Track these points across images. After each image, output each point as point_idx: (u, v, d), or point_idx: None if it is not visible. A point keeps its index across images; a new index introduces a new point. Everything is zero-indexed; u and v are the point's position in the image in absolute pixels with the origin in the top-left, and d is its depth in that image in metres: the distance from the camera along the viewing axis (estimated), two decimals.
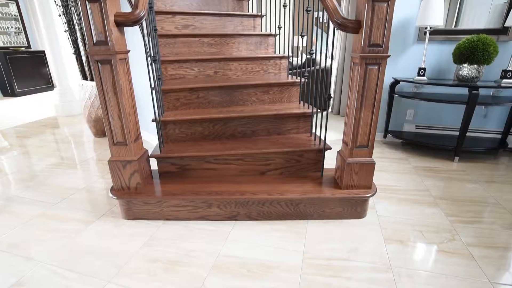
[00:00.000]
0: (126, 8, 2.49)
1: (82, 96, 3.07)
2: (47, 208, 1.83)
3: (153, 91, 2.09)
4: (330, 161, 2.43)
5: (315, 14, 5.93)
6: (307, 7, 1.67)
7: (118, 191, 1.67)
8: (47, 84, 6.71)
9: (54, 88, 6.84)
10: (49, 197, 1.97)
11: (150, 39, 1.69)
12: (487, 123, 2.78)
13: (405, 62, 2.78)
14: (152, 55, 1.68)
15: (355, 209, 1.65)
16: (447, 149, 2.75)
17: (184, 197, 1.61)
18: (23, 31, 6.51)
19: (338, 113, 3.94)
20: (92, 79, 3.10)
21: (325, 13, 2.19)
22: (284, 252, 1.42)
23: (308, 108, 1.96)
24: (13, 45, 6.32)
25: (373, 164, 1.62)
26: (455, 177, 2.21)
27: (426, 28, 2.56)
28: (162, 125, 1.86)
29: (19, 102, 5.52)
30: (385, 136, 2.96)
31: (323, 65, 4.07)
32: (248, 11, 2.65)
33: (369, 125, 1.57)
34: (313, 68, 3.74)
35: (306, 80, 2.05)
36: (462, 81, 2.44)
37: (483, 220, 1.67)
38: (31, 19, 6.63)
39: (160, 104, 1.85)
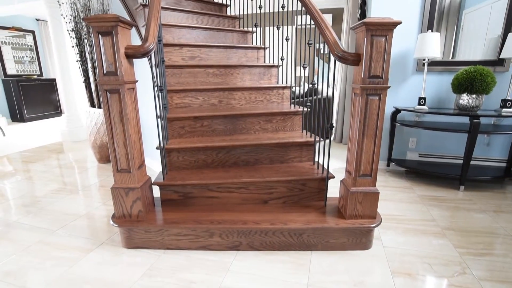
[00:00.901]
0: (136, 40, 2.62)
1: (89, 123, 3.14)
2: (47, 235, 1.81)
3: (159, 119, 2.14)
4: (333, 189, 2.41)
5: (317, 45, 6.16)
6: (309, 41, 1.75)
7: (119, 218, 1.65)
8: (56, 110, 6.89)
9: (62, 114, 7.01)
10: (50, 224, 1.95)
11: (157, 70, 1.76)
12: (490, 152, 2.77)
13: (405, 92, 2.83)
14: (159, 84, 1.74)
15: (360, 239, 1.61)
16: (452, 178, 2.72)
17: (185, 225, 1.58)
18: (36, 60, 6.81)
19: (341, 141, 3.96)
20: (99, 107, 3.18)
21: (326, 45, 2.28)
22: (287, 285, 1.37)
23: (311, 136, 1.98)
24: (26, 73, 6.58)
25: (377, 193, 1.60)
26: (462, 206, 2.17)
27: (424, 59, 2.64)
28: (166, 153, 1.88)
29: (27, 127, 5.64)
30: (388, 165, 2.95)
31: (325, 94, 4.17)
32: (252, 44, 2.77)
33: (371, 154, 1.57)
34: (315, 97, 3.82)
35: (309, 109, 2.09)
36: (462, 110, 2.47)
37: (494, 252, 1.61)
38: (45, 49, 6.95)
39: (165, 132, 1.88)
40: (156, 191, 1.93)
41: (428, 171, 2.57)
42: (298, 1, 1.87)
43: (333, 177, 1.78)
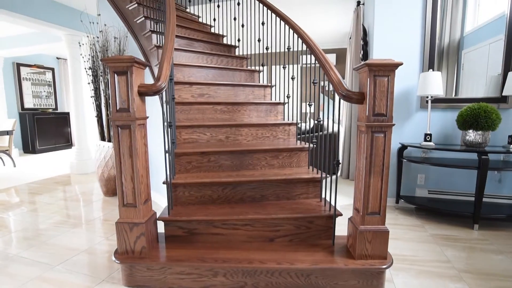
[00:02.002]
0: (148, 77, 2.75)
1: (98, 156, 3.20)
2: (46, 270, 1.76)
3: (167, 154, 2.17)
4: (341, 227, 2.34)
5: (321, 83, 6.37)
6: (314, 80, 1.82)
7: (122, 254, 1.61)
8: (66, 142, 7.06)
9: (73, 147, 7.17)
10: (50, 258, 1.91)
11: (168, 106, 1.83)
12: (503, 189, 2.70)
13: (410, 128, 2.85)
14: (168, 120, 1.79)
15: (371, 282, 1.53)
16: (465, 216, 2.63)
17: (189, 263, 1.54)
18: (53, 94, 7.14)
19: (348, 177, 3.92)
20: (109, 140, 3.26)
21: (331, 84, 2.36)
22: None
23: (317, 173, 1.97)
24: (42, 106, 6.87)
25: (387, 232, 1.55)
26: (478, 246, 2.07)
27: (427, 97, 2.69)
28: (172, 188, 1.88)
29: (37, 158, 5.75)
30: (397, 202, 2.88)
31: (330, 130, 4.21)
32: (259, 82, 2.89)
33: (379, 191, 1.55)
34: (321, 133, 3.86)
35: (315, 145, 2.11)
36: (469, 146, 2.46)
37: None
38: (62, 85, 7.32)
39: (172, 167, 1.90)
40: (161, 227, 1.90)
41: (439, 209, 2.49)
42: (303, 43, 1.98)
43: (341, 214, 1.74)
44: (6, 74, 6.19)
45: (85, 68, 3.30)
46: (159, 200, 2.94)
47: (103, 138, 3.35)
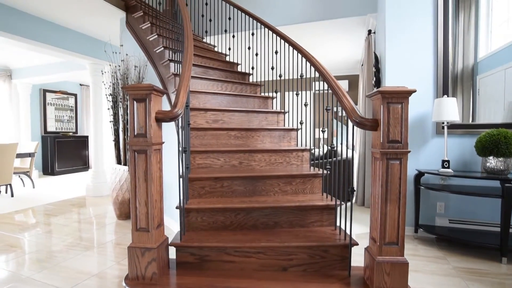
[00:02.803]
0: (165, 103, 2.85)
1: (113, 179, 3.26)
2: None
3: (181, 179, 2.19)
4: (358, 257, 2.24)
5: (334, 108, 6.40)
6: (327, 107, 1.84)
7: (133, 280, 1.59)
8: (84, 165, 7.26)
9: (89, 169, 7.35)
10: (61, 282, 1.90)
11: (183, 132, 1.88)
12: None
13: (427, 154, 2.79)
14: (183, 146, 1.83)
15: None
16: (490, 248, 2.47)
17: None
18: (74, 119, 7.46)
19: (363, 204, 3.81)
20: (125, 164, 3.33)
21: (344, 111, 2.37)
22: None
23: (331, 200, 1.94)
24: (63, 130, 7.16)
25: (406, 264, 1.48)
26: (508, 282, 1.92)
27: (443, 123, 2.65)
28: (185, 213, 1.88)
29: (55, 180, 5.91)
30: (416, 231, 2.76)
31: (344, 156, 4.17)
32: (272, 108, 2.94)
33: (396, 220, 1.50)
34: (334, 159, 3.83)
35: (328, 172, 2.09)
36: (491, 174, 2.37)
37: None
38: (83, 110, 7.66)
39: (186, 192, 1.91)
40: (172, 252, 1.88)
41: (462, 240, 2.36)
42: (316, 71, 2.02)
43: (357, 244, 1.68)
44: (33, 100, 6.56)
45: (106, 95, 3.47)
46: (171, 225, 2.93)
47: (119, 162, 3.43)
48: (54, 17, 3.78)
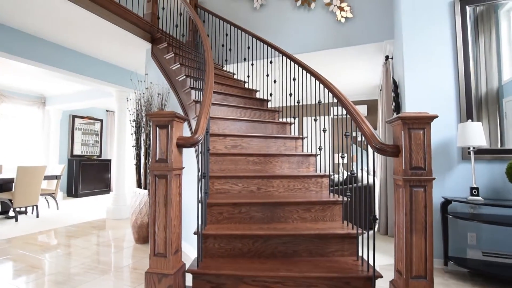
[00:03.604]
0: (185, 128, 2.94)
1: (133, 202, 3.32)
2: None
3: (199, 204, 2.20)
4: None
5: (353, 134, 6.33)
6: (346, 132, 1.83)
7: None
8: (105, 188, 7.46)
9: (110, 192, 7.54)
10: None
11: (202, 157, 1.91)
12: None
13: (453, 181, 2.67)
14: (202, 171, 1.86)
15: None
16: None
17: None
18: (99, 143, 7.80)
19: (386, 233, 3.63)
20: (145, 188, 3.40)
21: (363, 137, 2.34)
22: None
23: (353, 228, 1.87)
24: (88, 154, 7.48)
25: None
26: None
27: (469, 148, 2.55)
28: (202, 239, 1.87)
29: (78, 202, 6.09)
30: (446, 264, 2.57)
31: (365, 182, 4.05)
32: (291, 134, 2.95)
33: (423, 251, 1.42)
34: (355, 185, 3.73)
35: (349, 199, 2.03)
36: None
37: None
38: (108, 134, 8.01)
39: (204, 218, 1.91)
40: (189, 279, 1.84)
41: (500, 275, 2.17)
42: (334, 97, 2.04)
43: (381, 276, 1.59)
44: (62, 124, 6.97)
45: (130, 120, 3.63)
46: (188, 251, 2.90)
47: (139, 186, 3.50)
48: (87, 50, 4.10)
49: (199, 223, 2.20)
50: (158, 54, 3.59)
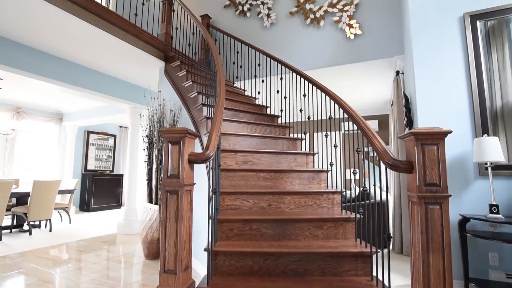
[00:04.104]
0: (197, 144, 2.97)
1: (144, 218, 3.33)
2: None
3: (210, 221, 2.20)
4: None
5: (365, 149, 6.26)
6: (357, 148, 1.81)
7: None
8: (117, 202, 7.54)
9: (122, 207, 7.61)
10: None
11: (213, 173, 1.92)
12: None
13: (470, 198, 2.58)
14: (213, 187, 1.86)
15: None
16: None
17: None
18: (112, 158, 7.94)
19: (401, 252, 3.50)
20: (156, 203, 3.42)
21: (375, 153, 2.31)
22: None
23: (366, 246, 1.81)
24: (101, 168, 7.62)
25: None
26: None
27: (486, 163, 2.47)
28: (212, 255, 1.85)
29: (90, 217, 6.15)
30: (466, 286, 2.45)
31: (378, 198, 3.97)
32: (301, 150, 2.94)
33: (441, 272, 1.36)
34: (367, 201, 3.65)
35: (362, 216, 1.99)
36: None
37: None
38: (121, 150, 8.17)
39: (214, 234, 1.90)
40: None
41: None
42: (345, 113, 2.04)
43: None
44: (77, 140, 7.16)
45: (143, 136, 3.70)
46: (198, 268, 2.87)
47: (150, 201, 3.53)
48: (103, 68, 4.26)
49: (210, 239, 2.18)
50: (171, 72, 3.70)
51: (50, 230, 4.67)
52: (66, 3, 2.67)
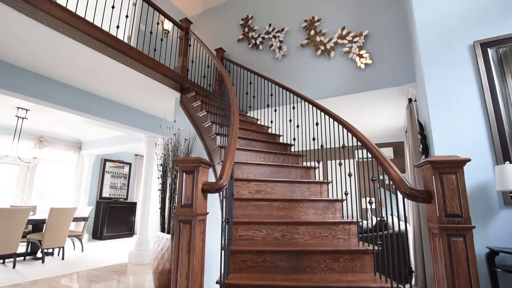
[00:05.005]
0: (210, 174, 2.99)
1: (156, 247, 3.29)
2: None
3: (222, 251, 2.15)
4: None
5: (380, 176, 6.11)
6: (373, 177, 1.78)
7: None
8: (129, 231, 7.51)
9: (134, 236, 7.56)
10: None
11: (226, 202, 1.91)
12: None
13: (496, 229, 2.43)
14: (226, 217, 1.85)
15: None
16: None
17: None
18: (126, 186, 8.05)
19: (425, 287, 3.27)
20: (168, 232, 3.39)
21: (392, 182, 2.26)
22: None
23: (386, 281, 1.72)
24: (115, 196, 7.70)
25: None
26: None
27: (510, 192, 2.36)
28: None
29: (102, 245, 6.12)
30: None
31: (396, 228, 3.80)
32: (315, 178, 2.91)
33: None
34: (385, 232, 3.50)
35: (380, 248, 1.90)
36: None
37: None
38: (135, 178, 8.29)
39: (227, 266, 1.85)
40: None
41: None
42: (359, 141, 2.03)
43: None
44: (94, 168, 7.34)
45: (157, 165, 3.77)
46: None
47: (163, 230, 3.51)
48: (121, 99, 4.47)
49: (222, 272, 2.12)
50: (186, 102, 3.83)
51: (63, 258, 4.66)
52: (94, 42, 2.87)
